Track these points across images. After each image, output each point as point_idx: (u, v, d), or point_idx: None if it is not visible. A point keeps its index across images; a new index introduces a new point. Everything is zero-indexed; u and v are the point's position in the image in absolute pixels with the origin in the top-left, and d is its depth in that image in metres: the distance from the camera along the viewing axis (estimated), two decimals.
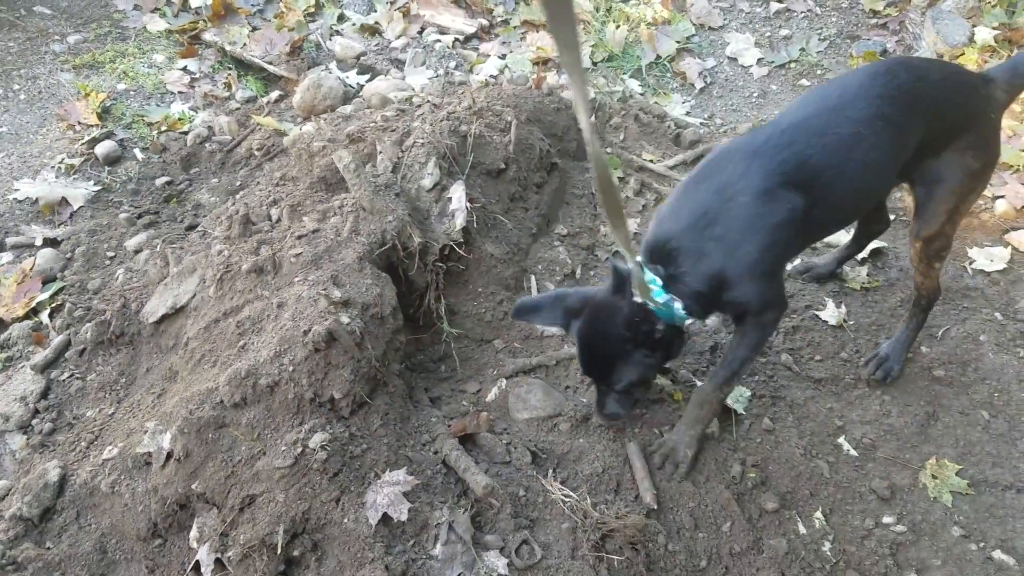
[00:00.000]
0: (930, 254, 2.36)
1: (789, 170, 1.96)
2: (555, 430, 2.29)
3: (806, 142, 1.98)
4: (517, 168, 2.92)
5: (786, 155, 1.97)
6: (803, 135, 1.99)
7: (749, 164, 1.98)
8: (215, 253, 2.48)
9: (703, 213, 1.99)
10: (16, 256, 3.01)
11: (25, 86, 3.82)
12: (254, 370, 2.02)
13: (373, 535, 1.91)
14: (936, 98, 2.12)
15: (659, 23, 4.39)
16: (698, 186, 2.06)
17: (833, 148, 2.00)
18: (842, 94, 2.05)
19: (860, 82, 2.06)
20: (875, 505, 2.27)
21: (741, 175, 1.97)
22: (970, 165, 2.20)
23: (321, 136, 2.90)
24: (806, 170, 1.98)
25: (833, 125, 2.01)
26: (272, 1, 4.51)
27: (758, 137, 2.03)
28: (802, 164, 1.97)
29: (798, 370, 2.61)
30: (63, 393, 2.52)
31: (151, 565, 2.04)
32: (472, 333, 2.58)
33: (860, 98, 2.03)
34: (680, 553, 2.07)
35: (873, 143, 2.02)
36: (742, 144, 2.05)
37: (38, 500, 2.14)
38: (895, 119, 2.03)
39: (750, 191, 1.96)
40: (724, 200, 1.97)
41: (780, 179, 1.96)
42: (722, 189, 1.98)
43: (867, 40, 4.22)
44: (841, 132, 2.00)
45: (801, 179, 1.97)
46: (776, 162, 1.97)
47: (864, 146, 2.01)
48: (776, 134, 2.01)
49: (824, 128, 2.01)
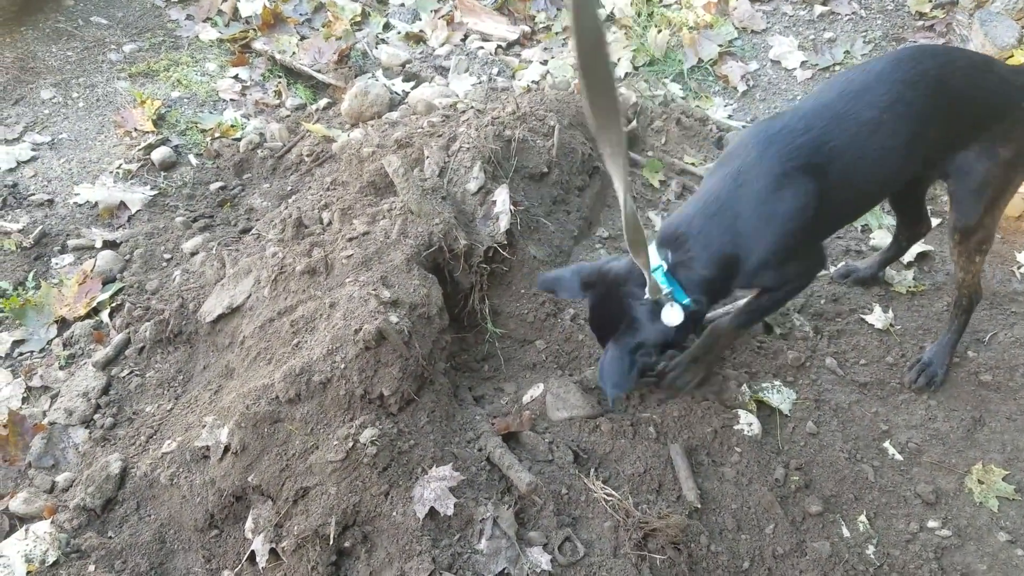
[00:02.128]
0: (970, 247, 2.33)
1: (806, 155, 1.96)
2: (597, 430, 2.31)
3: (824, 127, 1.97)
4: (559, 172, 2.96)
5: (803, 140, 1.97)
6: (821, 120, 1.98)
7: (765, 150, 1.98)
8: (270, 255, 2.56)
9: (715, 198, 2.00)
10: (77, 258, 3.12)
11: (84, 94, 3.96)
12: (308, 367, 2.09)
13: (420, 528, 1.96)
14: (962, 86, 2.09)
15: (701, 27, 4.39)
16: (714, 173, 2.07)
17: (852, 134, 1.98)
18: (864, 80, 2.03)
19: (882, 68, 2.04)
20: (920, 509, 2.26)
21: (756, 161, 1.98)
22: (1002, 155, 2.16)
23: (370, 142, 2.97)
24: (823, 155, 1.96)
25: (852, 111, 1.99)
26: (320, 10, 4.62)
27: (776, 123, 2.03)
28: (819, 149, 1.96)
29: (843, 374, 2.60)
30: (123, 389, 2.61)
31: (208, 555, 2.10)
32: (515, 333, 2.62)
33: (881, 83, 2.00)
34: (723, 554, 2.08)
35: (892, 129, 2.00)
36: (760, 130, 2.05)
37: (100, 491, 2.20)
38: (917, 105, 2.01)
39: (765, 176, 1.96)
40: (738, 185, 1.98)
41: (796, 164, 1.95)
42: (736, 174, 1.99)
43: (913, 42, 4.16)
44: (860, 117, 1.98)
45: (818, 164, 1.96)
46: (793, 147, 1.96)
47: (883, 132, 1.99)
48: (794, 120, 2.00)
49: (843, 114, 1.99)
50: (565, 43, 4.45)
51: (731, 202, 1.98)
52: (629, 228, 1.69)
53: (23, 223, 3.19)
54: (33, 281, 2.98)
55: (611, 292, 2.10)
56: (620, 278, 2.09)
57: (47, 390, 2.62)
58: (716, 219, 2.00)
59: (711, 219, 2.00)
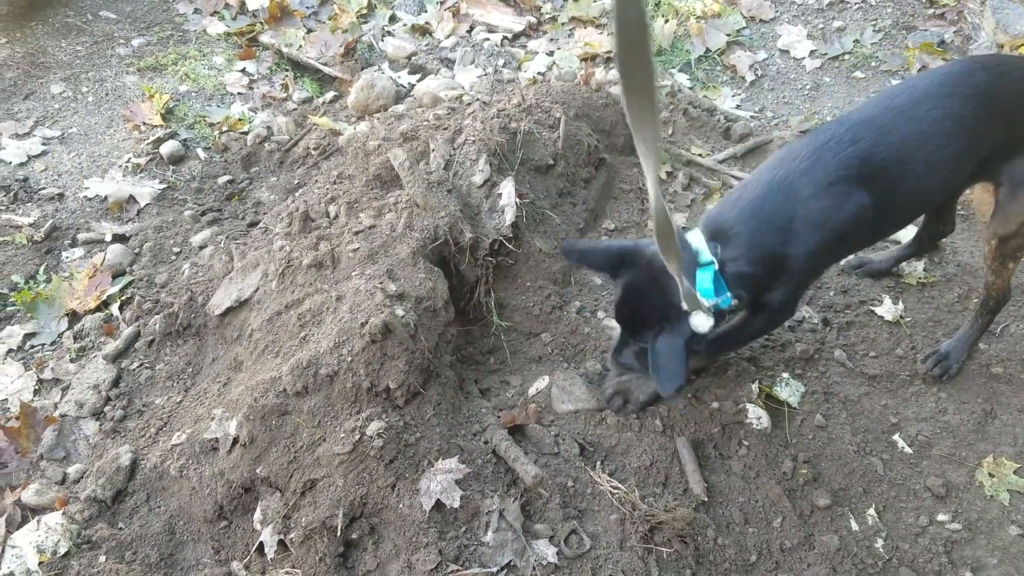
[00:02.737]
0: (1005, 253, 2.33)
1: (853, 166, 1.97)
2: (603, 423, 2.31)
3: (871, 140, 1.98)
4: (565, 164, 2.96)
5: (849, 152, 1.98)
6: (868, 133, 1.99)
7: (813, 160, 1.99)
8: (277, 248, 2.57)
9: (762, 204, 2.01)
10: (87, 251, 3.14)
11: (93, 88, 3.98)
12: (315, 360, 2.10)
13: (427, 520, 1.97)
14: (1017, 95, 2.08)
15: (709, 16, 4.36)
16: (761, 178, 2.07)
17: (898, 147, 1.99)
18: (911, 94, 2.04)
19: (931, 82, 2.05)
20: (930, 503, 2.25)
21: (805, 170, 1.99)
22: None
23: (376, 135, 2.97)
24: (870, 167, 1.98)
25: (899, 125, 2.00)
26: (326, 3, 4.61)
27: (823, 134, 2.04)
28: (866, 161, 1.97)
29: (852, 366, 2.59)
30: (133, 382, 2.63)
31: (217, 546, 2.13)
32: (520, 326, 2.62)
33: (930, 98, 2.01)
34: (730, 547, 2.09)
35: (939, 144, 2.00)
36: (807, 140, 2.06)
37: (111, 483, 2.22)
38: (967, 121, 2.01)
39: (813, 185, 1.97)
40: (787, 193, 1.99)
41: (844, 175, 1.97)
42: (785, 182, 2.00)
43: (924, 31, 4.12)
44: (906, 132, 1.99)
45: (865, 176, 1.97)
46: (840, 158, 1.97)
47: (930, 147, 2.00)
48: (841, 132, 2.01)
49: (889, 127, 2.00)
50: (571, 33, 4.43)
51: (783, 206, 1.99)
52: (660, 231, 1.62)
53: (34, 217, 3.22)
54: (44, 275, 3.00)
55: (651, 278, 2.00)
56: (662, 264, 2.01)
57: (58, 383, 2.64)
58: (768, 221, 2.00)
59: (763, 220, 2.00)
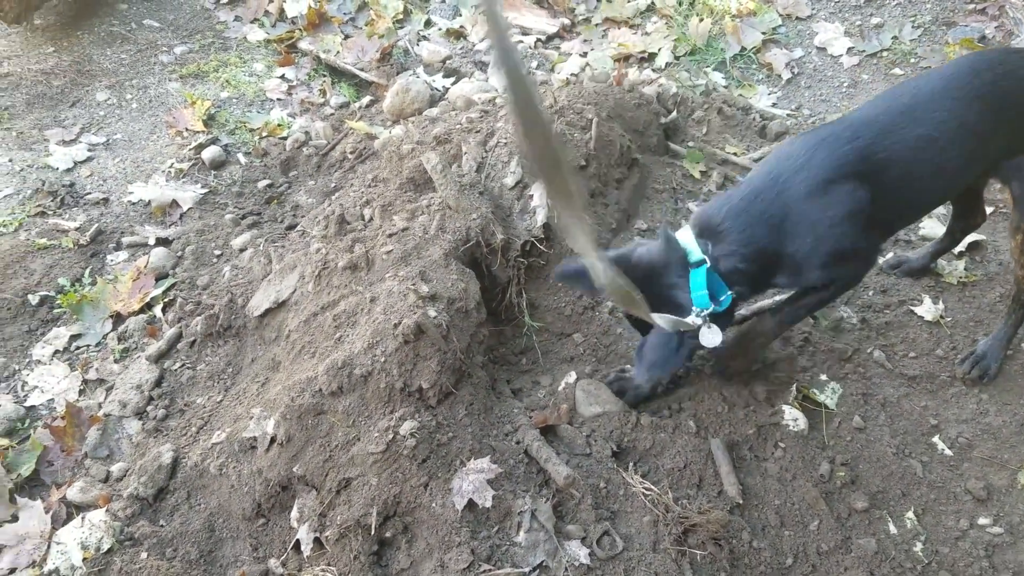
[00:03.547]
0: None
1: (850, 163, 1.95)
2: (637, 425, 2.31)
3: (871, 139, 1.97)
4: (597, 164, 2.96)
5: (847, 149, 1.97)
6: (868, 131, 1.98)
7: (810, 155, 1.98)
8: (313, 251, 2.62)
9: (758, 197, 2.00)
10: (131, 255, 3.20)
11: (137, 95, 4.08)
12: (349, 361, 2.14)
13: (459, 520, 1.99)
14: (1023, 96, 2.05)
15: (744, 14, 4.32)
16: (757, 173, 2.08)
17: (902, 147, 1.98)
18: (916, 95, 2.02)
19: (936, 83, 2.03)
20: (970, 506, 2.21)
21: (801, 165, 1.98)
22: None
23: (409, 139, 3.01)
24: (870, 164, 1.96)
25: (902, 126, 1.98)
26: (363, 9, 4.68)
27: (823, 131, 2.04)
28: (865, 158, 1.96)
29: (891, 367, 2.55)
30: (175, 382, 2.68)
31: (255, 543, 2.16)
32: (552, 327, 2.63)
33: (935, 99, 2.00)
34: (765, 550, 2.07)
35: (944, 146, 1.99)
36: (806, 136, 2.06)
37: (153, 481, 2.27)
38: (973, 121, 1.99)
39: (808, 180, 1.96)
40: (782, 188, 1.98)
41: (840, 171, 1.95)
42: (779, 176, 2.00)
43: (964, 26, 4.03)
44: (909, 133, 1.98)
45: (863, 172, 1.96)
46: (837, 154, 1.96)
47: (935, 148, 1.98)
48: (841, 129, 2.01)
49: (891, 127, 1.98)
50: (605, 34, 4.43)
51: (776, 202, 1.99)
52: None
53: (80, 221, 3.30)
54: (89, 277, 3.08)
55: (648, 283, 2.02)
56: (656, 268, 2.05)
57: (102, 383, 2.70)
58: (760, 217, 1.99)
59: (755, 216, 2.00)
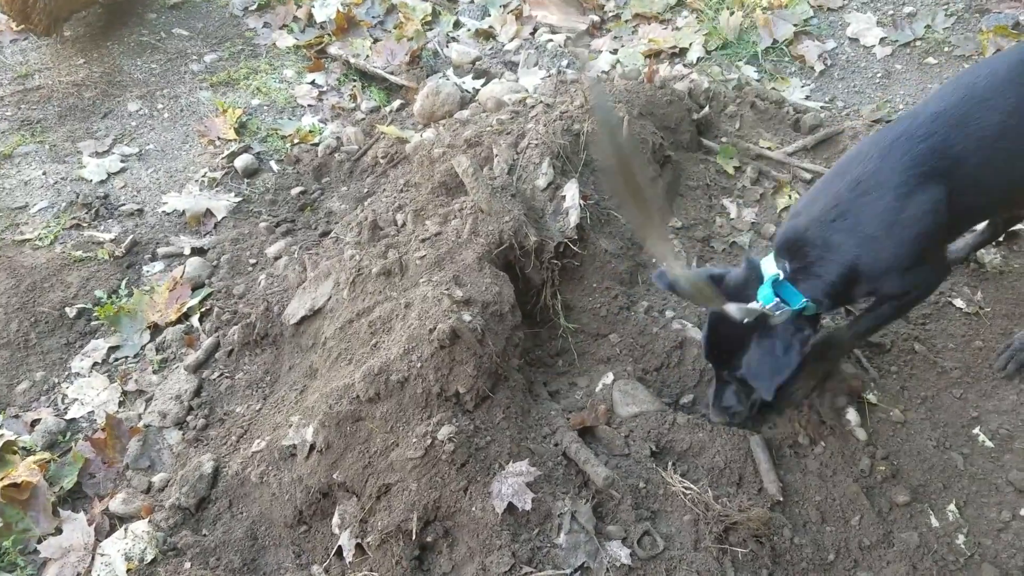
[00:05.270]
0: None
1: (928, 161, 1.91)
2: (674, 425, 2.30)
3: (946, 133, 1.92)
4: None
5: (923, 147, 1.92)
6: (943, 126, 1.93)
7: (885, 158, 1.95)
8: (347, 258, 2.64)
9: (835, 206, 1.98)
10: (167, 265, 3.23)
11: (168, 105, 4.12)
12: (386, 367, 2.15)
13: (500, 523, 1.99)
14: None
15: (775, 7, 4.26)
16: (833, 180, 2.05)
17: (977, 138, 1.92)
18: (988, 83, 1.97)
19: (1007, 68, 1.97)
20: (1012, 497, 2.18)
21: (876, 169, 1.95)
22: None
23: (440, 142, 3.02)
24: (948, 159, 1.92)
25: (976, 115, 1.93)
26: (392, 12, 4.70)
27: (895, 129, 1.99)
28: (943, 155, 1.92)
29: (931, 359, 2.51)
30: (214, 391, 2.70)
31: (297, 550, 2.18)
32: (588, 328, 2.62)
33: (1008, 84, 1.94)
34: (807, 546, 2.05)
35: (1019, 133, 1.93)
36: (880, 137, 2.02)
37: (194, 491, 2.28)
38: None
39: (886, 185, 1.93)
40: (858, 194, 1.95)
41: (918, 172, 1.92)
42: (856, 183, 1.96)
43: (998, 13, 3.93)
44: (985, 122, 1.93)
45: (942, 169, 1.91)
46: (913, 155, 1.92)
47: (1011, 136, 1.93)
48: (915, 126, 1.96)
49: (966, 118, 1.93)
50: (635, 31, 4.40)
51: (852, 209, 1.97)
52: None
53: (115, 233, 3.33)
54: (126, 289, 3.10)
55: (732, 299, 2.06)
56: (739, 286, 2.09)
57: (142, 394, 2.72)
58: (837, 226, 1.98)
59: (831, 226, 1.98)
